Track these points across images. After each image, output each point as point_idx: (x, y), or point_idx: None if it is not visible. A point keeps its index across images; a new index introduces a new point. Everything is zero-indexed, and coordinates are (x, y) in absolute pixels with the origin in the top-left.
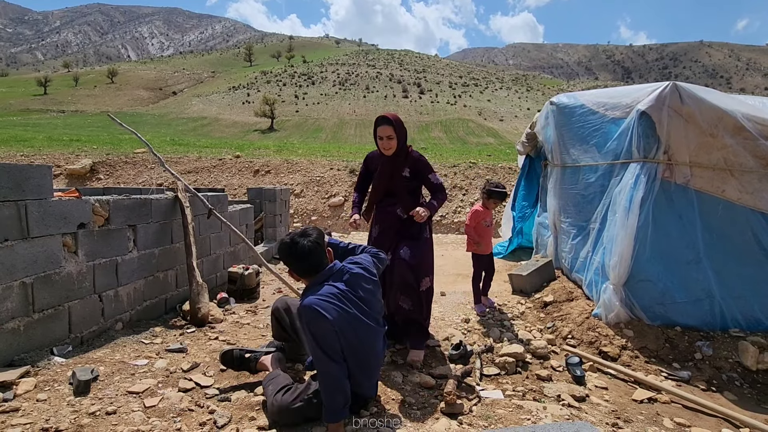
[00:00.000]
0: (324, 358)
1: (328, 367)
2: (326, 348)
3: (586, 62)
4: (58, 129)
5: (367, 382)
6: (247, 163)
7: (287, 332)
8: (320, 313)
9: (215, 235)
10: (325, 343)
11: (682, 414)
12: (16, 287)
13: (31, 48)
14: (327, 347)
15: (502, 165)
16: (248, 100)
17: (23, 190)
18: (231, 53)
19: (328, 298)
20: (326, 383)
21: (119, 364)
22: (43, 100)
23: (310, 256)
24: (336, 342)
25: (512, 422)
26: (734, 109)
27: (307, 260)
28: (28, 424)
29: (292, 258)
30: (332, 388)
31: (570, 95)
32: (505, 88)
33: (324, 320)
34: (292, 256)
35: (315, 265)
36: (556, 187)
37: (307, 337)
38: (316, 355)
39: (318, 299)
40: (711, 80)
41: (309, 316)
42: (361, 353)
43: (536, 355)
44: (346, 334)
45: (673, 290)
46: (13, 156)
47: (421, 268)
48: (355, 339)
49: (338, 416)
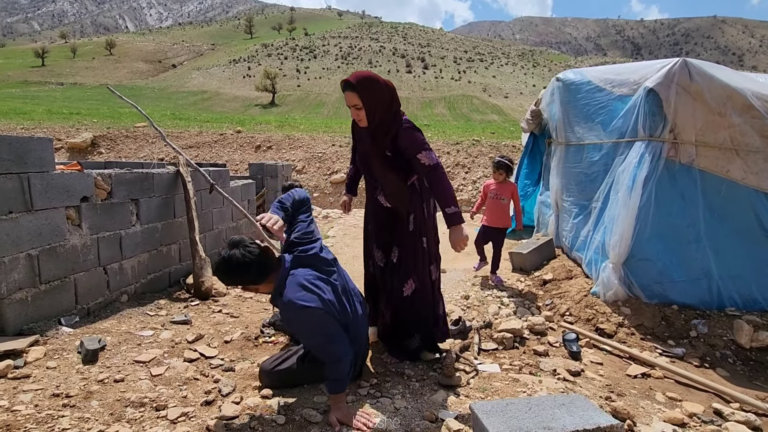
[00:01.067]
0: (326, 342)
1: (333, 348)
2: (328, 333)
3: (595, 38)
4: (57, 102)
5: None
6: (249, 138)
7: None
8: (305, 306)
9: (217, 210)
10: (323, 330)
11: (674, 389)
12: (22, 259)
13: (27, 17)
14: (328, 332)
15: (506, 143)
16: (249, 74)
17: (25, 163)
18: (231, 25)
19: (301, 287)
20: (329, 361)
21: (125, 335)
22: (41, 71)
23: (257, 259)
24: (334, 323)
25: (508, 394)
26: (744, 87)
27: (255, 265)
28: (40, 390)
29: (238, 272)
30: (335, 363)
31: (577, 71)
32: (511, 64)
33: (314, 311)
34: (235, 270)
35: (264, 269)
36: (559, 166)
37: (302, 332)
38: (318, 342)
39: (295, 293)
40: (722, 57)
41: (297, 314)
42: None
43: (534, 331)
44: (337, 310)
45: (672, 269)
46: (14, 129)
47: (400, 269)
48: (343, 310)
49: (344, 385)
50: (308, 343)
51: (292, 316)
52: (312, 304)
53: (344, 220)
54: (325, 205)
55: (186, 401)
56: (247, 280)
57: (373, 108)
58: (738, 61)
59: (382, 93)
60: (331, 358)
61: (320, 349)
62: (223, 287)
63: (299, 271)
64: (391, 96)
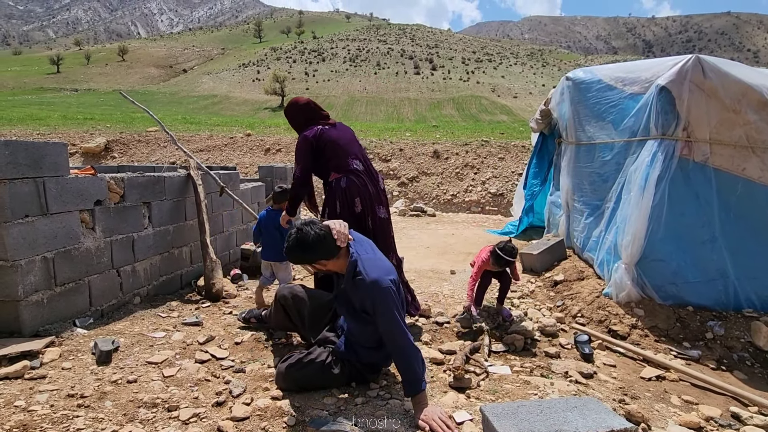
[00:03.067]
0: (403, 329)
1: (406, 338)
2: (402, 316)
3: (605, 36)
4: (72, 107)
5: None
6: (258, 141)
7: (292, 321)
8: (392, 286)
9: (228, 212)
10: (402, 311)
11: (690, 392)
12: (38, 261)
13: (42, 26)
14: (402, 317)
15: (515, 143)
16: (258, 78)
17: (41, 168)
18: (240, 29)
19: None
20: (407, 354)
21: (138, 336)
22: (57, 78)
23: (327, 236)
24: (402, 311)
25: (519, 396)
26: (760, 83)
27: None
28: (55, 390)
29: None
30: (413, 357)
31: (587, 70)
32: (520, 64)
33: (396, 293)
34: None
35: (335, 245)
36: (570, 166)
37: (389, 310)
38: (397, 328)
39: (380, 274)
40: (737, 54)
41: (382, 294)
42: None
43: (545, 333)
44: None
45: (686, 270)
46: (30, 134)
47: None
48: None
49: (423, 384)
50: (386, 327)
51: (377, 295)
52: (396, 282)
53: None
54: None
55: (197, 402)
56: (322, 254)
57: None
58: (753, 57)
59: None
60: (405, 348)
61: (395, 336)
62: (234, 289)
63: (370, 254)
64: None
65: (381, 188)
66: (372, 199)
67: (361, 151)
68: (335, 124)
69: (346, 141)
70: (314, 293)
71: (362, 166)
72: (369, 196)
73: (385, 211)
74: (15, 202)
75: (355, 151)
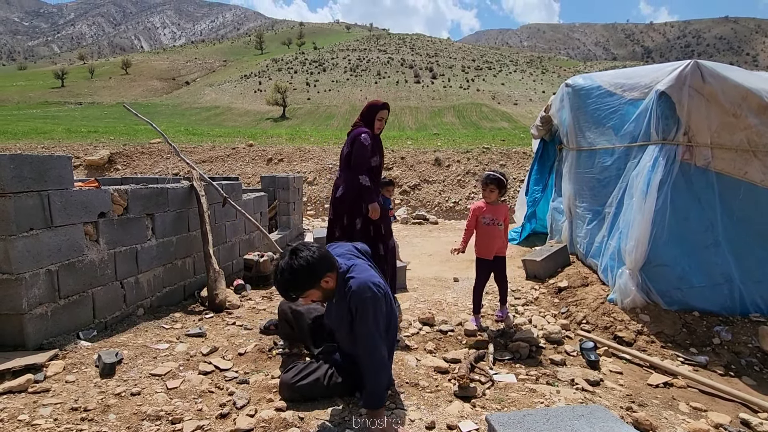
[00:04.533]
0: (378, 337)
1: (379, 348)
2: (381, 326)
3: (604, 42)
4: (76, 121)
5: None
6: (261, 151)
7: (294, 330)
8: (380, 289)
9: (230, 223)
10: (382, 320)
11: (698, 398)
12: (42, 274)
13: (47, 41)
14: (382, 326)
15: (516, 150)
16: (260, 89)
17: (45, 181)
18: (242, 41)
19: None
20: (375, 365)
21: (142, 348)
22: (61, 92)
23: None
24: (385, 320)
25: (525, 405)
26: (759, 87)
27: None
28: (59, 404)
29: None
30: (380, 369)
31: (586, 77)
32: (520, 71)
33: (384, 297)
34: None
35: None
36: (571, 171)
37: (367, 316)
38: (372, 334)
39: (368, 277)
40: (736, 58)
41: (372, 294)
42: (391, 331)
43: (550, 340)
44: (389, 312)
45: (691, 275)
46: (34, 148)
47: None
48: (391, 316)
49: (383, 400)
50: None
51: (361, 297)
52: (382, 290)
53: None
54: None
55: (201, 414)
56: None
57: None
58: (752, 61)
59: None
60: (375, 361)
61: (370, 346)
62: (237, 299)
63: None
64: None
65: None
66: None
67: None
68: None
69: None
70: (313, 306)
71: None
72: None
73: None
74: (20, 216)
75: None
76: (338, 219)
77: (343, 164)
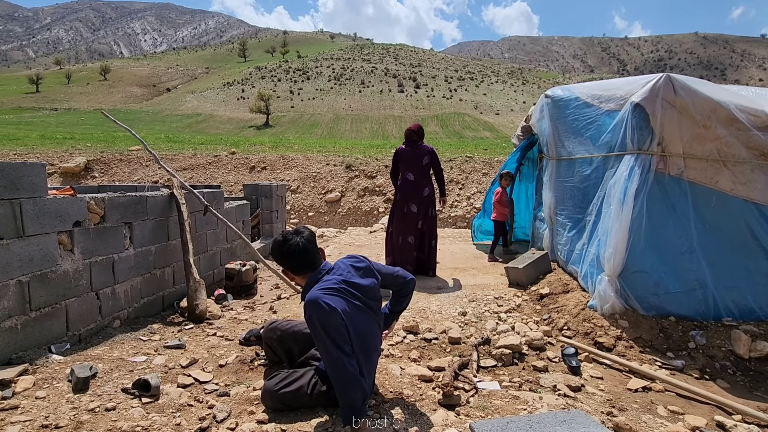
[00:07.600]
0: (337, 352)
1: (342, 363)
2: (339, 341)
3: (581, 55)
4: (51, 127)
5: (368, 377)
6: (243, 159)
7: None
8: (328, 305)
9: (212, 231)
10: (337, 335)
11: (675, 402)
12: (12, 286)
13: (21, 45)
14: (339, 340)
15: (498, 159)
16: (243, 96)
17: (17, 189)
18: (225, 49)
19: (331, 290)
20: (343, 380)
21: (118, 361)
22: (36, 98)
23: (303, 253)
24: (346, 334)
25: (509, 412)
26: (727, 100)
27: (300, 258)
28: (28, 421)
29: (286, 256)
30: (350, 385)
31: (565, 88)
32: (501, 82)
33: (332, 313)
34: (284, 254)
35: (309, 263)
36: (552, 180)
37: (318, 333)
38: (329, 350)
39: (321, 292)
40: (706, 72)
41: (317, 311)
42: (365, 345)
43: (532, 347)
44: (354, 325)
45: (667, 281)
46: (6, 154)
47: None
48: (360, 329)
49: (361, 413)
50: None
51: (312, 312)
52: (333, 305)
53: (339, 239)
54: (320, 224)
55: (179, 429)
56: (293, 266)
57: None
58: (721, 75)
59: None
60: (339, 375)
61: (329, 360)
62: (218, 310)
63: (332, 276)
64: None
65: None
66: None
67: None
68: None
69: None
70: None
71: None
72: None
73: (415, 207)
74: None
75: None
76: (423, 213)
77: (425, 171)
